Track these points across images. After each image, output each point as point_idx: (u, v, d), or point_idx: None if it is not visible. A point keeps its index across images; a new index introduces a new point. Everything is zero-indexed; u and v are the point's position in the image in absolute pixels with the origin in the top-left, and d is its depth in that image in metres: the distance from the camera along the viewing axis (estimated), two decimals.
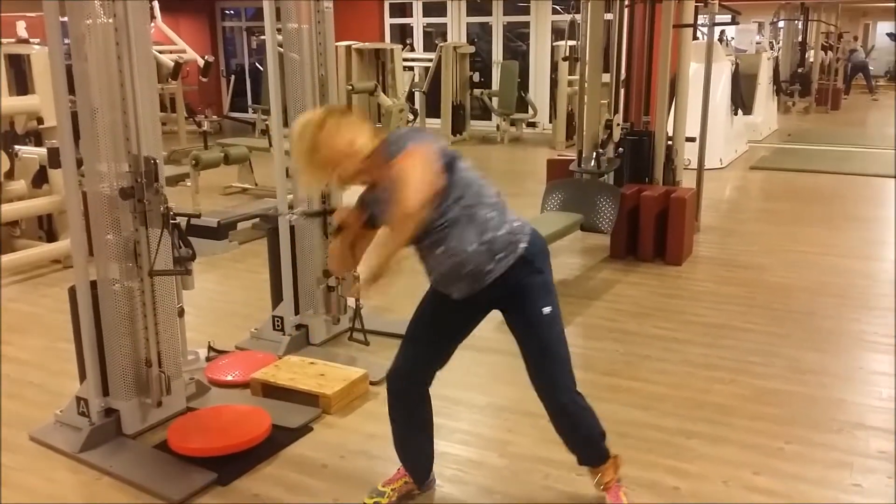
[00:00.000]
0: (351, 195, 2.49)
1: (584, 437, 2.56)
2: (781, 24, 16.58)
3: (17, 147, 5.51)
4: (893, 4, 17.08)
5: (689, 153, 6.32)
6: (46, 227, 5.79)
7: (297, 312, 3.99)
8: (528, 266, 2.37)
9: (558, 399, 2.46)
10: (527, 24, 13.39)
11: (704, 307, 4.66)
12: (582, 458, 2.62)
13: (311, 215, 3.93)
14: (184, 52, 11.16)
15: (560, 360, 2.43)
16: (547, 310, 2.39)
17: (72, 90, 2.82)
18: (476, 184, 2.33)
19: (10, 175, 5.40)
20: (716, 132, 8.24)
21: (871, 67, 20.56)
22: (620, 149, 5.87)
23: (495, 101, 12.22)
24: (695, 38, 7.22)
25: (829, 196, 7.93)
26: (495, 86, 12.71)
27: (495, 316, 2.46)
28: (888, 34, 23.18)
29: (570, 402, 2.46)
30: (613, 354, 3.97)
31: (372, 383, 3.58)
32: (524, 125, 12.45)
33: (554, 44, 12.01)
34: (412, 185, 2.10)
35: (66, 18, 2.82)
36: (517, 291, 2.38)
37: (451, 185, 2.25)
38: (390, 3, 14.14)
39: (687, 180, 6.19)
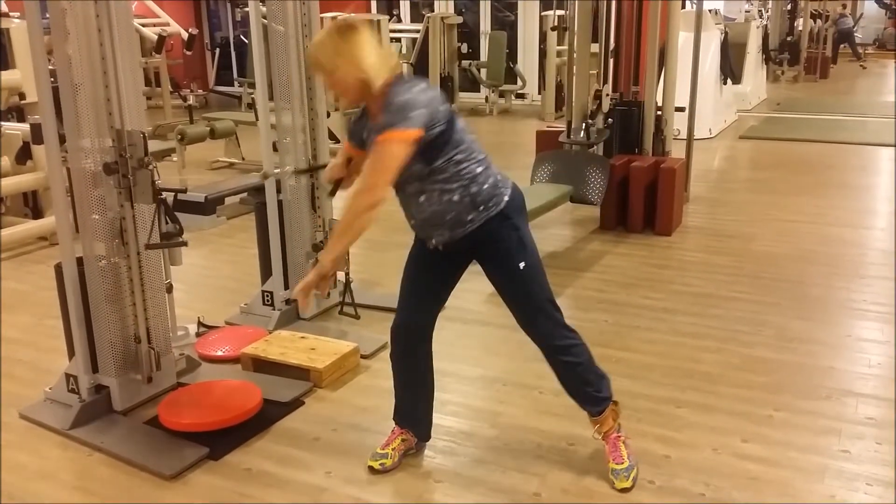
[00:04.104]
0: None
1: (578, 376, 2.61)
2: None
3: None
4: None
5: (678, 123, 6.30)
6: (32, 204, 5.73)
7: (286, 287, 3.98)
8: (506, 221, 2.46)
9: (546, 343, 2.57)
10: None
11: (693, 277, 4.68)
12: (580, 402, 2.66)
13: (300, 172, 3.89)
14: (167, 24, 11.01)
15: (542, 309, 2.52)
16: (522, 265, 2.47)
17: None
18: (468, 140, 2.42)
19: None
20: (705, 102, 8.21)
21: (859, 35, 20.50)
22: (610, 119, 5.85)
23: (484, 72, 12.11)
24: (683, 6, 7.16)
25: (818, 165, 7.94)
26: (483, 57, 12.58)
27: (484, 289, 2.46)
28: (877, 1, 23.08)
29: (557, 345, 2.56)
30: (603, 325, 3.98)
31: (363, 357, 3.58)
32: (513, 96, 12.36)
33: (542, 13, 11.91)
34: (382, 177, 2.23)
35: None
36: (495, 245, 2.47)
37: (445, 142, 2.34)
38: None
39: (676, 150, 6.17)
